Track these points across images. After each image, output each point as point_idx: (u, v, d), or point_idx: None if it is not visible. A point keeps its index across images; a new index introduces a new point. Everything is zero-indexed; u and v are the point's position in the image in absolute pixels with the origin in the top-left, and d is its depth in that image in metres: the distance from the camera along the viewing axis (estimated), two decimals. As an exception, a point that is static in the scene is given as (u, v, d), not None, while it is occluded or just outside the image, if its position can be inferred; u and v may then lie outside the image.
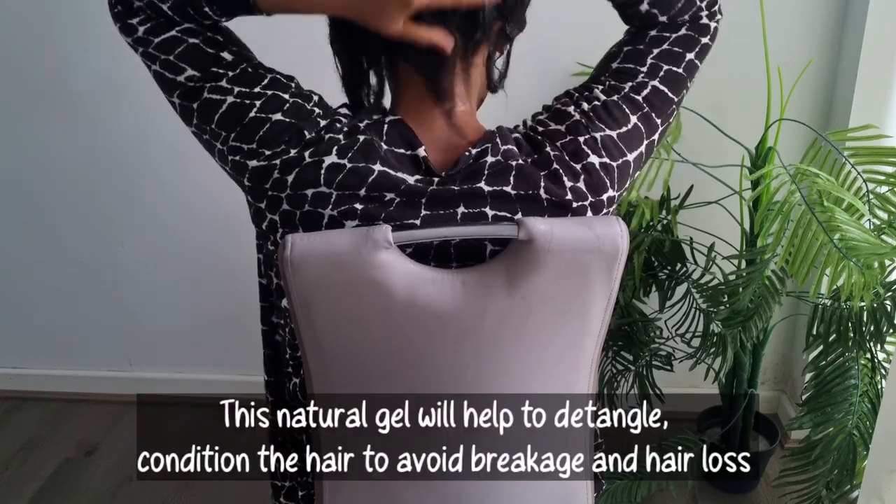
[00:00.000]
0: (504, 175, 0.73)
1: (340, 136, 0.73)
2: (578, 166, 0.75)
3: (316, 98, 0.77)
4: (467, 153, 0.74)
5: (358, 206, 0.71)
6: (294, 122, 0.73)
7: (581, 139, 0.75)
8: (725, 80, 1.69)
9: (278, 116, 0.73)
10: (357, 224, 0.71)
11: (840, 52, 1.64)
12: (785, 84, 1.54)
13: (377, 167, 0.72)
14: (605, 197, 0.76)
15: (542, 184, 0.73)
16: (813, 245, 1.16)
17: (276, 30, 1.09)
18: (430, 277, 0.70)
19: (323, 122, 0.74)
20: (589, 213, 0.75)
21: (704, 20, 0.81)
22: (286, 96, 0.75)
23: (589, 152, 0.75)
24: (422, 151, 0.74)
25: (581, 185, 0.75)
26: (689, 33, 0.81)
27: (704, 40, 0.82)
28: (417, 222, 0.72)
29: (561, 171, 0.74)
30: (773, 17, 1.61)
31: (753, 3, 1.59)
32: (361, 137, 0.73)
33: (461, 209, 0.73)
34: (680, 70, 0.80)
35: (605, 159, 0.75)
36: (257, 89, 0.74)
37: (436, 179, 0.73)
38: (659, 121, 0.80)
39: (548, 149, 0.75)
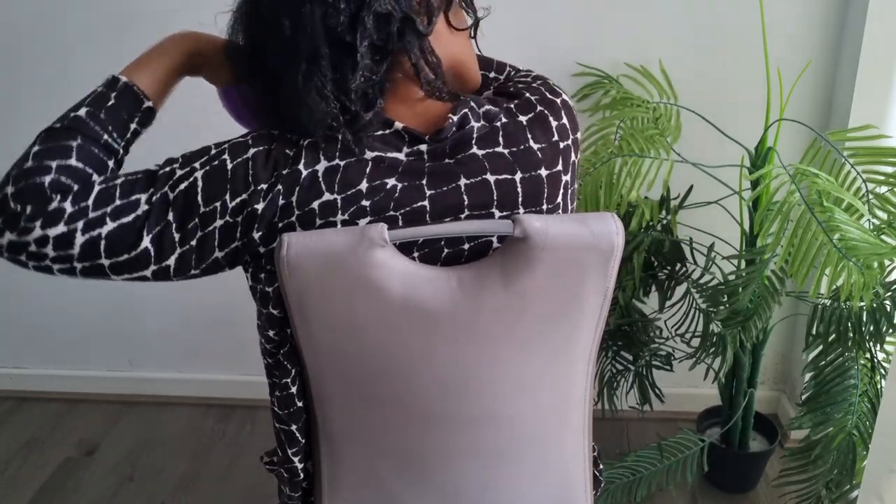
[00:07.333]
0: (493, 136, 0.74)
1: (319, 141, 0.72)
2: (558, 100, 0.79)
3: (276, 132, 0.74)
4: (449, 120, 0.73)
5: (365, 202, 0.71)
6: (270, 148, 0.71)
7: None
8: (725, 80, 1.69)
9: (252, 153, 0.71)
10: (370, 220, 0.71)
11: (840, 52, 1.64)
12: (785, 84, 1.53)
13: (368, 156, 0.72)
14: (575, 137, 0.81)
15: (530, 134, 0.75)
16: (812, 245, 1.16)
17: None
18: (426, 275, 0.70)
19: (294, 137, 0.72)
20: (572, 154, 0.78)
21: None
22: (245, 139, 0.73)
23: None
24: (398, 125, 0.73)
25: (565, 120, 0.78)
26: None
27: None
28: (426, 203, 0.72)
29: (546, 111, 0.77)
30: (773, 17, 1.61)
31: (753, 3, 1.59)
32: (339, 136, 0.72)
33: (463, 181, 0.73)
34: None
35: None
36: (214, 152, 0.72)
37: (424, 147, 0.73)
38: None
39: (527, 94, 0.78)
